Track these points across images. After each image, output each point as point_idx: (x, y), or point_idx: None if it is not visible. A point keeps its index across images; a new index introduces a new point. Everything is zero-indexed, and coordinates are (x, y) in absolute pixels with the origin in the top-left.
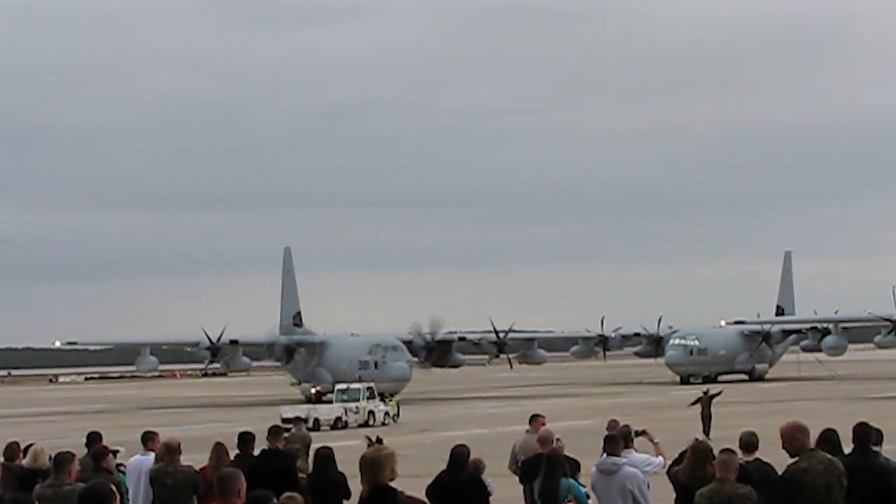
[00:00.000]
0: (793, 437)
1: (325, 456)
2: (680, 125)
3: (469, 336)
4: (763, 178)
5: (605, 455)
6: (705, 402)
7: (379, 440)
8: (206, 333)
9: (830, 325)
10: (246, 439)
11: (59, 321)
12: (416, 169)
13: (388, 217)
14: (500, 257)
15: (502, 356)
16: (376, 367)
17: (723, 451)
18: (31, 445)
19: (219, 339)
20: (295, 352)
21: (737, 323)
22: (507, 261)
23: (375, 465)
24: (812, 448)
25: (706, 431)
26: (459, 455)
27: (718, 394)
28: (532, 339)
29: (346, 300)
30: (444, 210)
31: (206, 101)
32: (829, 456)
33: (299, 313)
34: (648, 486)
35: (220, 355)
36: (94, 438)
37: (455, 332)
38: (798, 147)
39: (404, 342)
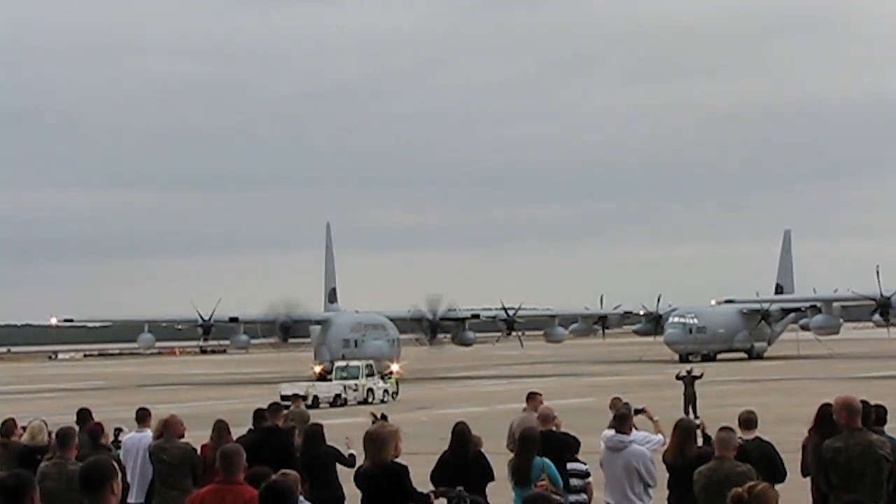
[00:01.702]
0: (839, 414)
1: (315, 433)
2: (679, 104)
3: (483, 314)
4: (763, 158)
5: (613, 432)
6: (688, 381)
7: (384, 417)
8: (197, 310)
9: (820, 304)
10: (260, 415)
11: (59, 298)
12: (414, 149)
13: (387, 197)
14: (499, 237)
15: (513, 334)
16: (356, 345)
17: (721, 429)
18: (31, 422)
19: (211, 317)
20: (290, 329)
21: (727, 302)
22: (507, 240)
23: (379, 442)
24: (858, 427)
25: (687, 411)
26: (461, 433)
27: (700, 375)
28: (553, 317)
29: (354, 279)
30: (440, 189)
31: (198, 80)
32: (871, 437)
33: (334, 290)
34: (654, 464)
35: (213, 332)
36: (84, 415)
37: (466, 311)
38: (798, 127)
39: (411, 320)
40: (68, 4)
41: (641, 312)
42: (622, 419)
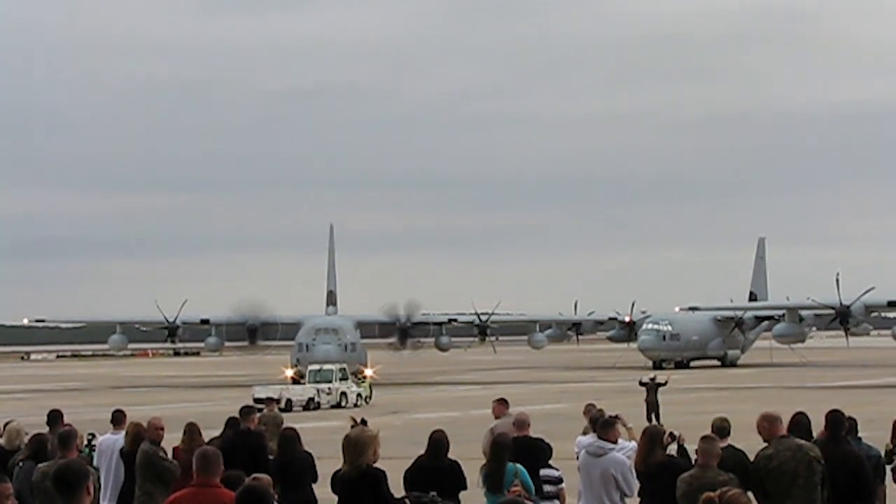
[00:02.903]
0: (760, 427)
1: (289, 437)
2: (654, 111)
3: (461, 318)
4: (738, 164)
5: (592, 438)
6: (651, 387)
7: (364, 421)
8: (161, 311)
9: (783, 312)
10: (233, 422)
11: (32, 299)
12: (390, 153)
13: (364, 200)
14: (476, 242)
15: (489, 339)
16: (307, 349)
17: (704, 437)
18: (7, 423)
19: (175, 318)
20: (258, 332)
21: (691, 309)
22: (483, 246)
23: (359, 447)
24: (784, 435)
25: (650, 418)
26: (438, 441)
27: (664, 383)
28: (533, 322)
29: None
30: (415, 193)
31: (180, 82)
32: (799, 441)
33: (332, 292)
34: (633, 473)
35: (180, 334)
36: (54, 417)
37: (443, 315)
38: (773, 135)
39: (381, 323)
40: (56, 6)
41: (617, 318)
42: (605, 426)
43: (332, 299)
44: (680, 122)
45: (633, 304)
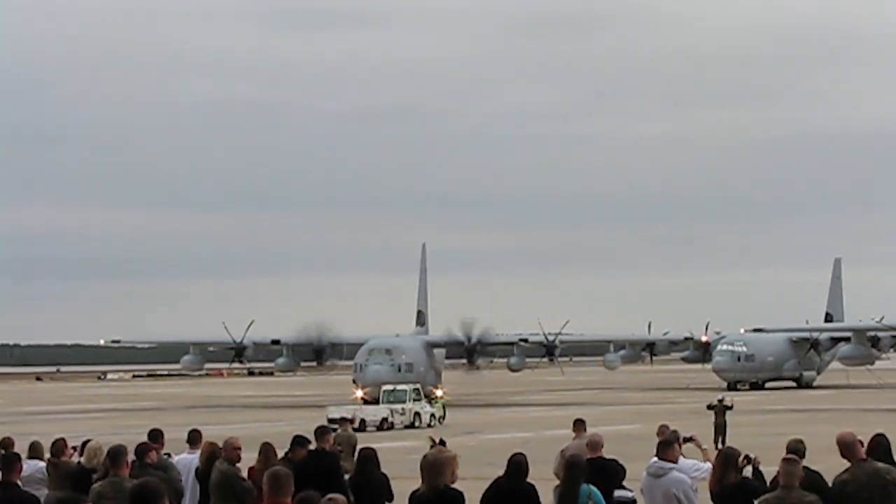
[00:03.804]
0: (840, 451)
1: (368, 457)
2: (724, 131)
3: (531, 339)
4: (813, 184)
5: (656, 459)
6: (718, 410)
7: (442, 442)
8: (228, 332)
9: (851, 334)
10: (300, 442)
11: (108, 318)
12: (452, 172)
13: (427, 219)
14: (543, 262)
15: (557, 360)
16: (361, 370)
17: (786, 459)
18: (87, 442)
19: (242, 339)
20: (325, 352)
21: (756, 331)
22: (550, 266)
23: (437, 467)
24: (863, 458)
25: (717, 441)
26: (518, 464)
27: (731, 406)
28: (609, 342)
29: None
30: (480, 214)
31: (252, 101)
32: (876, 465)
33: (421, 312)
34: (696, 492)
35: (246, 355)
36: (154, 436)
37: (514, 335)
38: (848, 154)
39: (448, 344)
40: (116, 26)
41: (692, 338)
42: (665, 446)
43: (420, 319)
44: (749, 141)
45: (707, 325)
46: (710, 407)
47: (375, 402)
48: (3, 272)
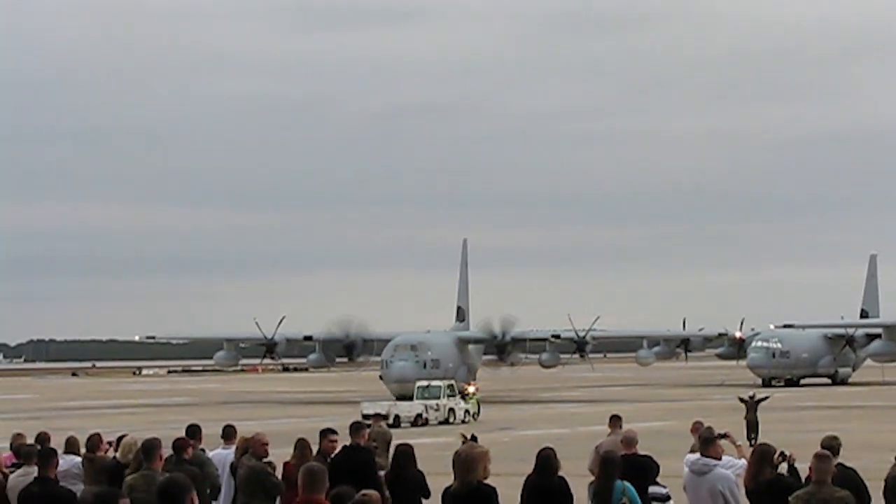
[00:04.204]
0: None
1: (404, 453)
2: (762, 128)
3: (563, 335)
4: (849, 181)
5: (698, 455)
6: (750, 405)
7: (474, 438)
8: (259, 328)
9: (881, 330)
10: (325, 433)
11: (143, 314)
12: (490, 170)
13: (464, 216)
14: (578, 259)
15: (588, 356)
16: (386, 366)
17: (818, 455)
18: (122, 437)
19: (273, 335)
20: (356, 348)
21: (786, 327)
22: (585, 262)
23: (469, 463)
24: None
25: (750, 437)
26: (547, 458)
27: (765, 398)
28: (641, 338)
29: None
30: (517, 211)
31: (288, 99)
32: None
33: (461, 308)
34: (739, 488)
35: (277, 351)
36: (193, 431)
37: (548, 331)
38: (883, 151)
39: (477, 340)
40: (147, 25)
41: (727, 335)
42: (707, 443)
43: (461, 315)
44: (785, 138)
45: (742, 321)
46: (741, 400)
47: (403, 398)
48: (39, 269)
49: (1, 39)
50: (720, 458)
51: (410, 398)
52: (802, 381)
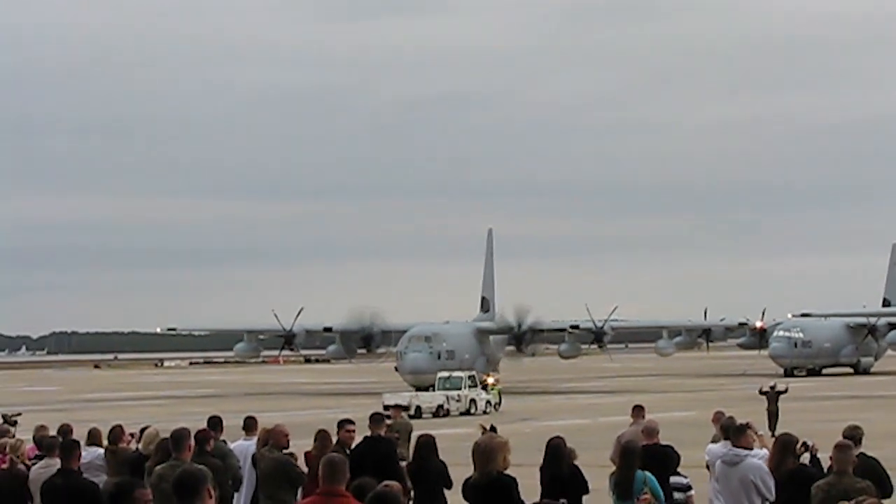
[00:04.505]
0: None
1: (426, 444)
2: (782, 116)
3: (582, 325)
4: (870, 169)
5: (723, 445)
6: (771, 396)
7: (493, 428)
8: (278, 320)
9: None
10: (341, 423)
11: (164, 306)
12: (514, 159)
13: (486, 206)
14: (602, 249)
15: (607, 346)
16: (401, 358)
17: (838, 445)
18: (145, 428)
19: (292, 326)
20: (372, 340)
21: (803, 315)
22: (608, 251)
23: (488, 453)
24: None
25: (770, 428)
26: (557, 447)
27: (785, 391)
28: (663, 328)
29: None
30: (541, 199)
31: (301, 91)
32: None
33: (485, 298)
34: (771, 478)
35: (295, 342)
36: (214, 423)
37: (570, 322)
38: None
39: (493, 331)
40: (168, 16)
41: (748, 324)
42: (739, 432)
43: (485, 305)
44: (809, 127)
45: (763, 311)
46: (762, 392)
47: (419, 389)
48: (61, 261)
49: (26, 32)
50: (751, 448)
51: (425, 389)
52: (824, 371)
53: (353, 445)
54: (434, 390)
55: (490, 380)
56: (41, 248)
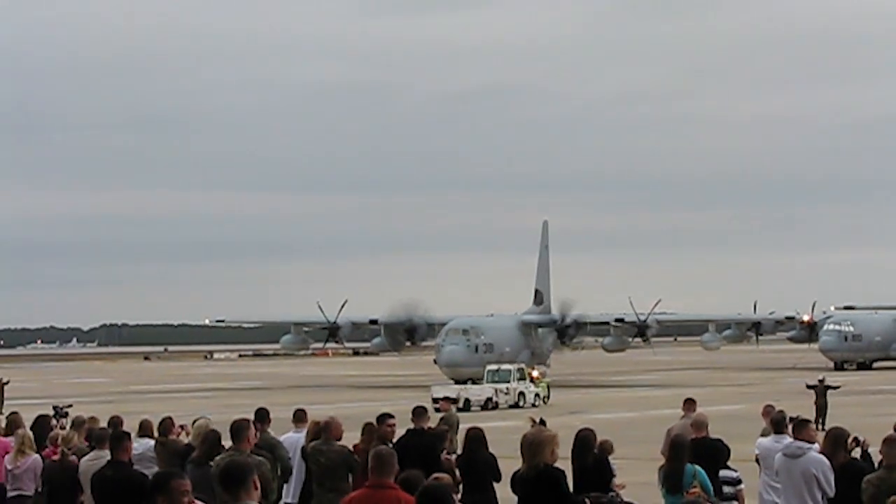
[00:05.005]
0: None
1: (476, 437)
2: (826, 110)
3: (626, 319)
4: None
5: (779, 439)
6: (820, 391)
7: (542, 421)
8: (322, 312)
9: None
10: (381, 418)
11: (214, 299)
12: (555, 153)
13: (523, 201)
14: (650, 243)
15: (665, 339)
16: (439, 350)
17: (887, 440)
18: (196, 420)
19: (336, 319)
20: (416, 332)
21: (846, 308)
22: (655, 246)
23: (536, 446)
24: None
25: (818, 422)
26: (584, 439)
27: (837, 387)
28: (712, 321)
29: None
30: (584, 194)
31: (347, 85)
32: None
33: (538, 291)
34: (833, 472)
35: (340, 334)
36: (262, 415)
37: (617, 315)
38: None
39: (538, 324)
40: (216, 11)
41: (797, 318)
42: (801, 426)
43: (538, 298)
44: (852, 121)
45: (813, 305)
46: (809, 387)
47: (457, 382)
48: (111, 254)
49: (63, 28)
50: (813, 442)
51: (462, 382)
52: (875, 365)
53: (394, 439)
54: (471, 383)
55: (534, 373)
56: (92, 241)
